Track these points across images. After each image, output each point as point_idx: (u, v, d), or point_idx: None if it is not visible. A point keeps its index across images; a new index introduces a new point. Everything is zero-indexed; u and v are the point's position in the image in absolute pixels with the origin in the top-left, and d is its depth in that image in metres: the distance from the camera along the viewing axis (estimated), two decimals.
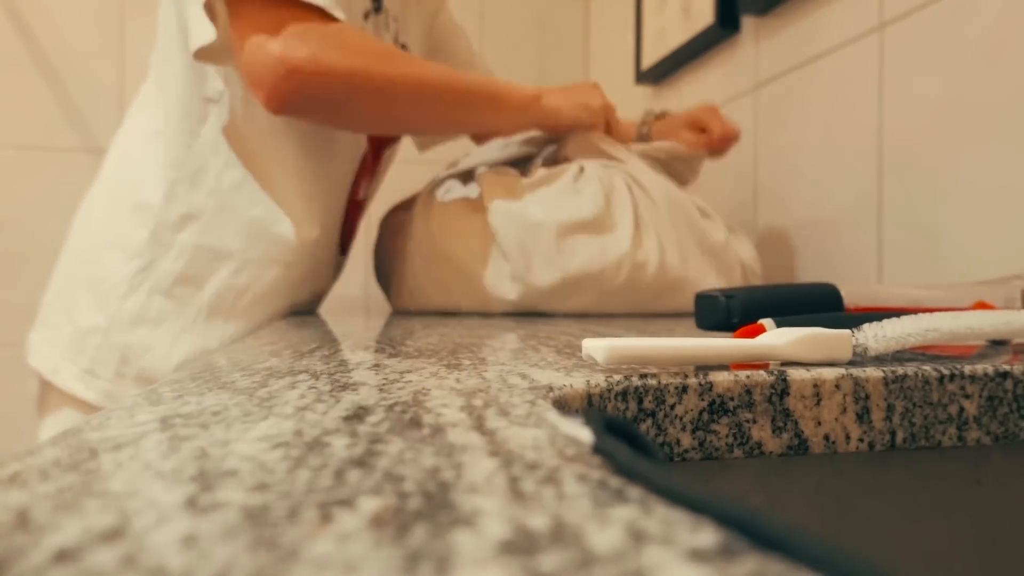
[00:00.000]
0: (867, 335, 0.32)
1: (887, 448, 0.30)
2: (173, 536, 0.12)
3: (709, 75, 1.10)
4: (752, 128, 0.98)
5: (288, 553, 0.11)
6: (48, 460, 0.16)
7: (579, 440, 0.18)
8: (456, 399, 0.23)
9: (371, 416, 0.21)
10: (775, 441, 0.29)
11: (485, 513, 0.13)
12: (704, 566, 0.11)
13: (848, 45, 0.78)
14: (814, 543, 0.11)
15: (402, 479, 0.15)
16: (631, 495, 0.14)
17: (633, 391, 0.27)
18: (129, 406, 0.22)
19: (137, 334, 0.70)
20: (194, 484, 0.14)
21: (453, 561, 0.11)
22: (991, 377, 0.31)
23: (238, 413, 0.21)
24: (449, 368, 0.31)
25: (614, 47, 1.50)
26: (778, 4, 0.90)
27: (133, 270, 0.70)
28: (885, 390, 0.30)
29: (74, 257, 0.74)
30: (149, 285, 0.70)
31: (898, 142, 0.71)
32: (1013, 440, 0.31)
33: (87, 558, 0.11)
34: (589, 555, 0.11)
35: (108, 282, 0.71)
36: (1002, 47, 0.60)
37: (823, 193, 0.83)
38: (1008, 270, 0.56)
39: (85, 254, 0.73)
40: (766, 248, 0.95)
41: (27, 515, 0.13)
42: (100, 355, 0.70)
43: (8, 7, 1.36)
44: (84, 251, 0.74)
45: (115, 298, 0.70)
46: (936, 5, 0.66)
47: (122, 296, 0.70)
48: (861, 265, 0.76)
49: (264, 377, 0.28)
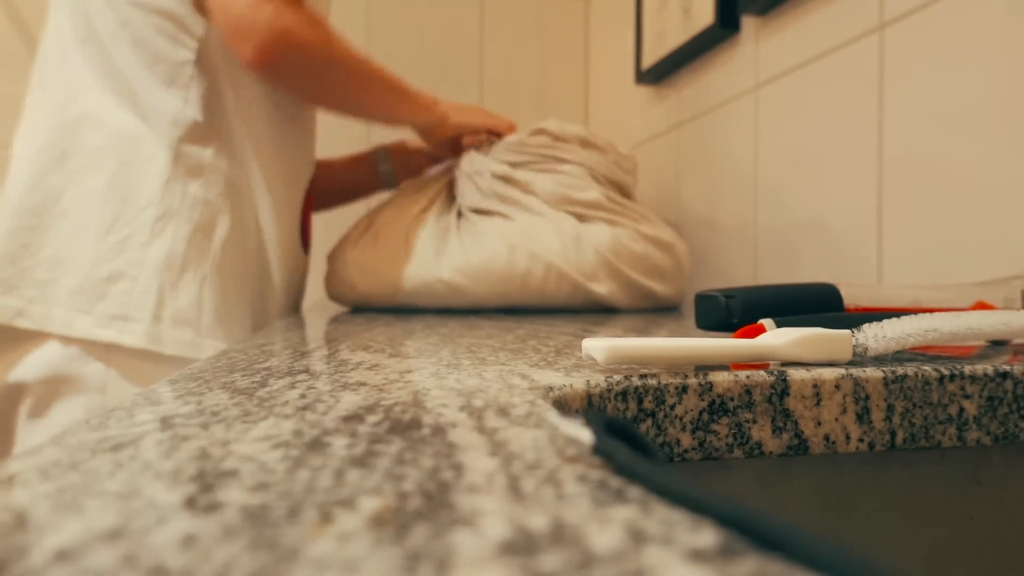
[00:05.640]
0: (867, 335, 0.32)
1: (887, 448, 0.30)
2: (173, 536, 0.12)
3: (709, 75, 1.10)
4: (752, 128, 0.98)
5: (288, 553, 0.11)
6: (48, 460, 0.16)
7: (579, 440, 0.18)
8: (456, 399, 0.23)
9: (371, 416, 0.21)
10: (775, 441, 0.29)
11: (485, 513, 0.13)
12: (704, 566, 0.11)
13: (848, 45, 0.78)
14: (814, 543, 0.11)
15: (402, 479, 0.15)
16: (631, 495, 0.14)
17: (633, 391, 0.27)
18: (129, 406, 0.22)
19: (168, 278, 0.72)
20: (194, 484, 0.14)
21: (453, 561, 0.11)
22: (991, 377, 0.31)
23: (238, 413, 0.21)
24: (449, 368, 0.31)
25: (614, 47, 1.50)
26: (778, 4, 0.90)
27: (151, 218, 0.72)
28: (885, 390, 0.30)
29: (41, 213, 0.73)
30: (171, 232, 0.73)
31: (898, 142, 0.71)
32: (1013, 440, 0.31)
33: (87, 558, 0.11)
34: (589, 555, 0.11)
35: (119, 231, 0.72)
36: (1002, 47, 0.60)
37: (823, 193, 0.83)
38: (1008, 270, 0.56)
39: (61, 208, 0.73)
40: (766, 248, 0.95)
41: (27, 515, 0.13)
42: (132, 300, 0.71)
43: (8, 7, 1.36)
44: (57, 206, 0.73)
45: (136, 246, 0.72)
46: (936, 5, 0.66)
47: (144, 243, 0.72)
48: (861, 265, 0.76)
49: (264, 377, 0.28)
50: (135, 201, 0.73)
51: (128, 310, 0.71)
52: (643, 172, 1.37)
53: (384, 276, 0.80)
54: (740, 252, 1.01)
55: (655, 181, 1.30)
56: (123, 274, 0.72)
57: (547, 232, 0.79)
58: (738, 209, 1.02)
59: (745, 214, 1.00)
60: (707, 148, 1.12)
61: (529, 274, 0.78)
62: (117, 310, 0.71)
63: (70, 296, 0.71)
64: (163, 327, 0.72)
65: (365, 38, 1.50)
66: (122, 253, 0.72)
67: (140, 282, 0.72)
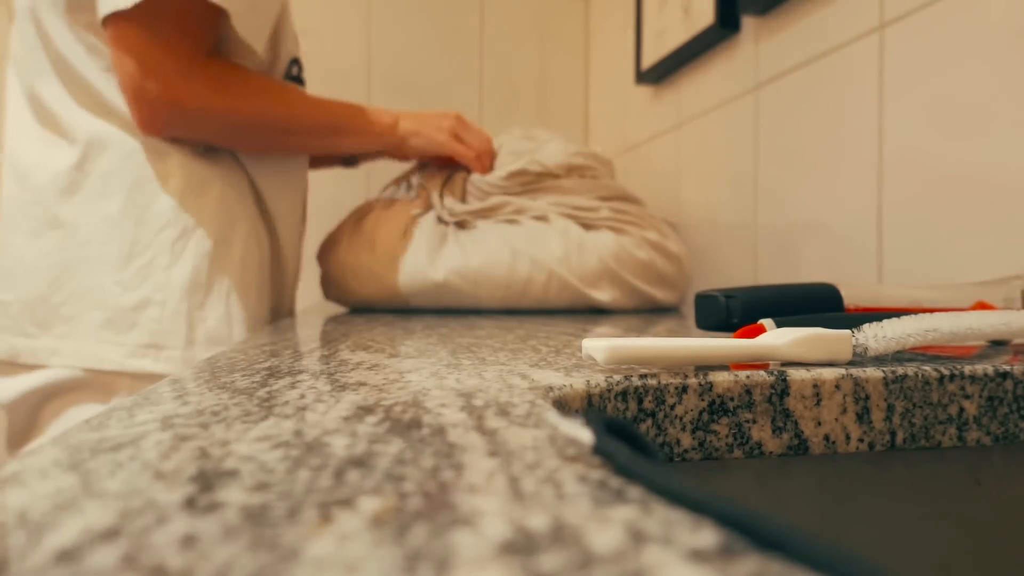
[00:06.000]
0: (867, 335, 0.32)
1: (887, 448, 0.30)
2: (173, 536, 0.12)
3: (709, 75, 1.10)
4: (752, 128, 0.98)
5: (288, 553, 0.11)
6: (48, 460, 0.16)
7: (579, 440, 0.18)
8: (456, 399, 0.23)
9: (371, 416, 0.21)
10: (775, 441, 0.29)
11: (485, 513, 0.13)
12: (704, 566, 0.11)
13: (848, 45, 0.78)
14: (814, 543, 0.11)
15: (402, 479, 0.15)
16: (631, 495, 0.14)
17: (633, 391, 0.27)
18: (129, 406, 0.22)
19: (196, 300, 0.72)
20: (194, 484, 0.14)
21: (453, 561, 0.11)
22: (991, 377, 0.31)
23: (238, 413, 0.21)
24: (449, 368, 0.31)
25: (614, 47, 1.50)
26: (778, 4, 0.90)
27: (170, 239, 0.72)
28: (885, 390, 0.30)
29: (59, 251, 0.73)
30: (192, 251, 0.72)
31: (898, 142, 0.71)
32: (1013, 440, 0.31)
33: (87, 558, 0.11)
34: (589, 555, 0.11)
35: (139, 258, 0.71)
36: (1002, 47, 0.60)
37: (823, 193, 0.83)
38: (1008, 270, 0.56)
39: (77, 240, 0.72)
40: (766, 248, 0.95)
41: (27, 515, 0.13)
42: (163, 327, 0.71)
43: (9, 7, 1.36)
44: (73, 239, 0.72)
45: (158, 270, 0.71)
46: (937, 5, 0.66)
47: (166, 267, 0.71)
48: (861, 265, 0.76)
49: (264, 377, 0.28)
50: (151, 223, 0.72)
51: (159, 338, 0.71)
52: (643, 172, 1.37)
53: (381, 279, 0.80)
54: (740, 252, 1.01)
55: (655, 181, 1.30)
56: (150, 300, 0.71)
57: (551, 238, 0.79)
58: (738, 209, 1.02)
59: (745, 214, 1.00)
60: (707, 148, 1.12)
61: (531, 281, 0.77)
62: (149, 339, 0.71)
63: (99, 329, 0.71)
64: (196, 350, 0.71)
65: (365, 39, 1.50)
66: (147, 279, 0.71)
67: (169, 307, 0.71)
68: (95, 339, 0.71)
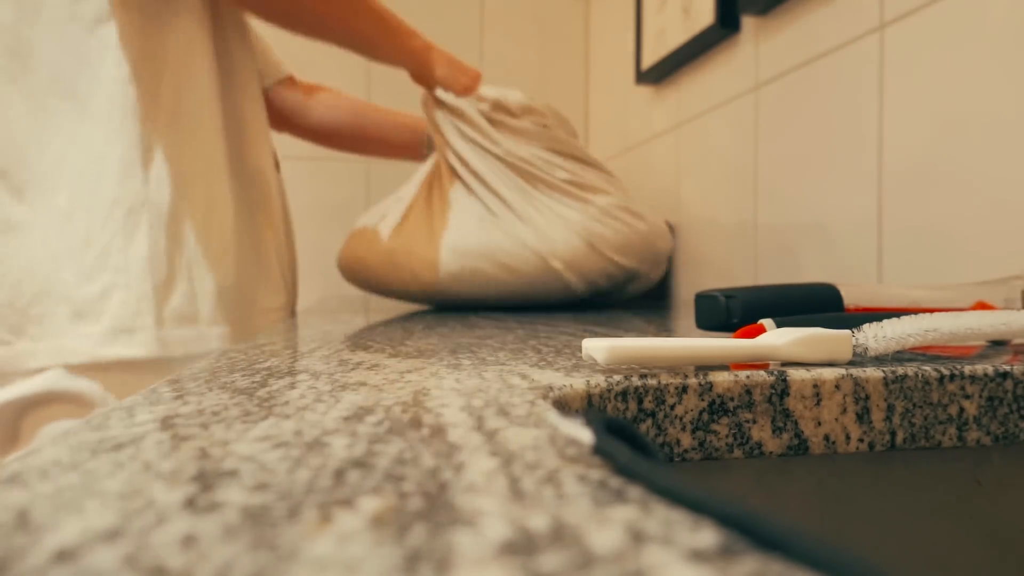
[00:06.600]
0: (867, 335, 0.32)
1: (887, 448, 0.30)
2: (173, 536, 0.12)
3: (709, 75, 1.10)
4: (752, 128, 0.98)
5: (288, 553, 0.11)
6: (48, 460, 0.16)
7: (579, 441, 0.18)
8: (456, 399, 0.23)
9: (371, 416, 0.21)
10: (775, 441, 0.29)
11: (485, 513, 0.13)
12: (704, 566, 0.11)
13: (848, 45, 0.78)
14: (814, 543, 0.11)
15: (402, 479, 0.15)
16: (631, 495, 0.14)
17: (633, 391, 0.27)
18: (129, 406, 0.22)
19: (159, 276, 0.69)
20: (194, 484, 0.14)
21: (453, 561, 0.11)
22: (991, 377, 0.31)
23: (238, 413, 0.21)
24: (449, 368, 0.31)
25: (614, 47, 1.50)
26: (778, 4, 0.90)
27: (120, 218, 0.69)
28: (885, 390, 0.30)
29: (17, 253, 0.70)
30: (145, 226, 0.69)
31: (898, 142, 0.71)
32: (1013, 440, 0.31)
33: (87, 558, 0.11)
34: (589, 555, 0.11)
35: (95, 244, 0.69)
36: (1003, 47, 0.60)
37: (823, 193, 0.83)
38: (1008, 270, 0.56)
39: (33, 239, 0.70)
40: (766, 248, 0.95)
41: (27, 515, 0.13)
42: (130, 309, 0.69)
43: None
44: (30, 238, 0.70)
45: (115, 252, 0.69)
46: (937, 5, 0.66)
47: (122, 248, 0.69)
48: (861, 265, 0.76)
49: (264, 377, 0.28)
50: (100, 204, 0.69)
51: (128, 321, 0.69)
52: (643, 172, 1.37)
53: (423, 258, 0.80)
54: (740, 252, 1.01)
55: (655, 181, 1.30)
56: (114, 284, 0.68)
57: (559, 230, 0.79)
58: (738, 209, 1.02)
59: (745, 214, 1.00)
60: (707, 148, 1.12)
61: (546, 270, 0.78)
62: (119, 323, 0.69)
63: (69, 324, 0.69)
64: (167, 331, 0.70)
65: None
66: (106, 264, 0.68)
67: (133, 289, 0.69)
68: (67, 335, 0.69)
